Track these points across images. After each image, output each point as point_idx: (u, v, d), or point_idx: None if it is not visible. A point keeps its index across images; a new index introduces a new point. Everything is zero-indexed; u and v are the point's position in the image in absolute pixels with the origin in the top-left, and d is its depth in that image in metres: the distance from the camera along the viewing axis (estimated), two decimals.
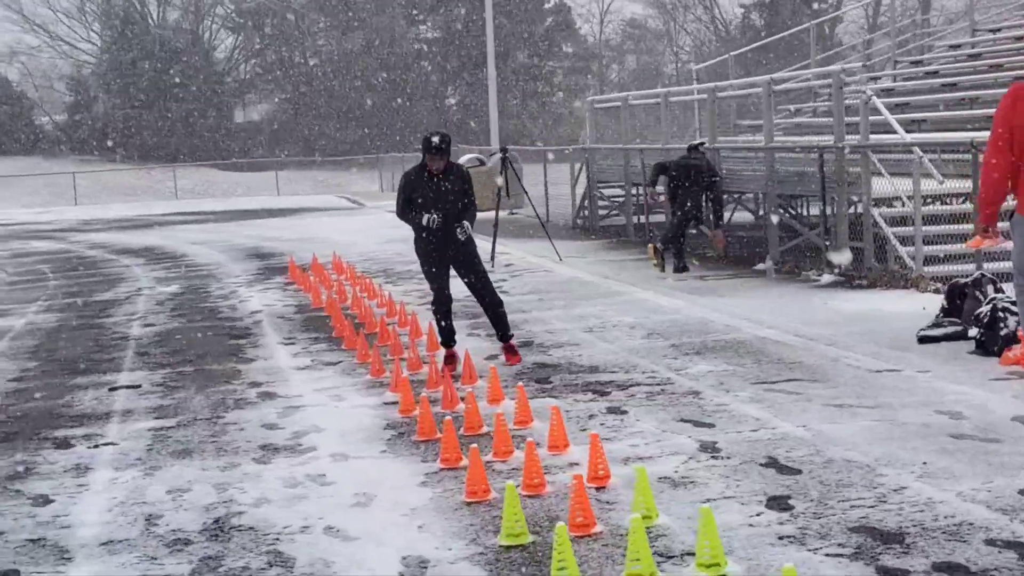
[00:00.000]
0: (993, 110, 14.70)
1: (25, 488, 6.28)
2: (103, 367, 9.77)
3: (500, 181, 17.14)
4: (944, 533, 4.70)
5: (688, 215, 13.83)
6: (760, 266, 12.99)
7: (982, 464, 5.58)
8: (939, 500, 5.10)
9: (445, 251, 8.66)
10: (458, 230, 8.51)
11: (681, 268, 13.68)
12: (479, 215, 8.99)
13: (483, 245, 16.97)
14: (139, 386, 8.85)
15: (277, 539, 5.23)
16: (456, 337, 9.06)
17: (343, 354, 9.67)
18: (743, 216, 16.62)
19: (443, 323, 8.87)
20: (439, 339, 9.08)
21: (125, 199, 44.48)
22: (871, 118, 12.49)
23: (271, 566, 4.90)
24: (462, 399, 7.31)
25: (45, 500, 6.04)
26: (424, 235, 8.62)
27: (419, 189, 8.58)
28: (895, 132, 12.13)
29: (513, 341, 8.98)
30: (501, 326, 8.90)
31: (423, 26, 58.87)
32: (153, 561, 5.05)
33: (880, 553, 4.54)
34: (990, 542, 4.58)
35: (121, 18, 54.48)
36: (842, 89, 12.26)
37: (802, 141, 14.35)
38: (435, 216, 8.46)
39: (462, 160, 26.15)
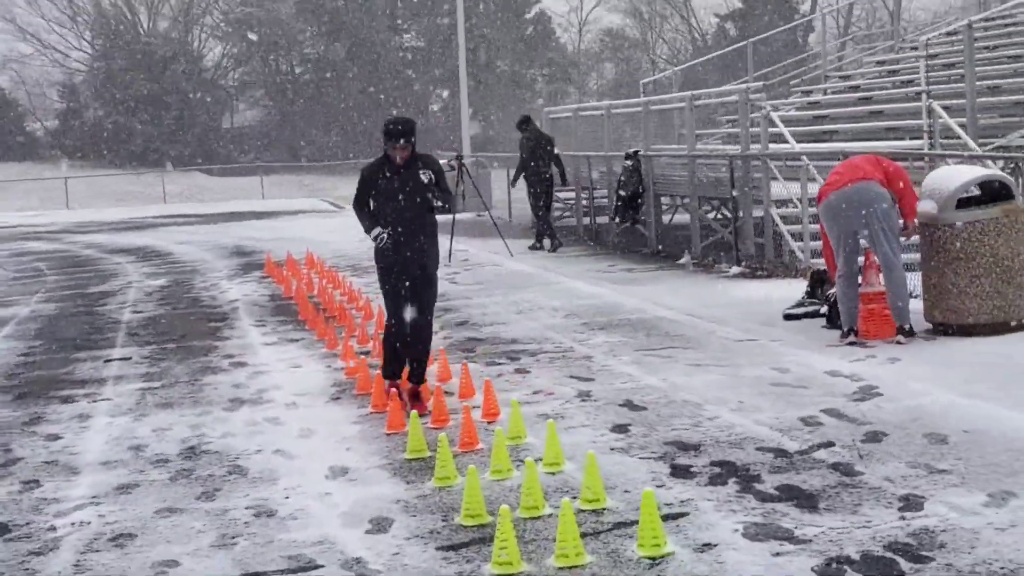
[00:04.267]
0: (896, 123, 16.32)
1: (39, 430, 7.84)
2: (99, 344, 11.34)
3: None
4: (729, 444, 6.32)
5: (538, 199, 17.38)
6: (681, 260, 14.61)
7: (783, 402, 7.20)
8: (738, 424, 6.72)
9: (405, 265, 7.76)
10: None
11: (557, 245, 17.15)
12: (439, 218, 8.25)
13: (442, 242, 18.64)
14: (130, 358, 10.42)
15: (237, 458, 6.82)
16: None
17: (306, 333, 11.23)
18: (682, 217, 18.21)
19: (394, 353, 8.00)
20: (388, 368, 8.11)
21: (117, 203, 45.89)
22: (787, 130, 14.20)
23: (230, 474, 6.49)
24: None
25: (55, 437, 7.61)
26: (383, 243, 7.69)
27: (377, 185, 7.64)
28: (814, 143, 13.79)
29: (422, 388, 7.99)
30: (418, 369, 7.98)
31: (407, 35, 60.62)
32: (141, 473, 6.63)
33: (677, 456, 6.15)
34: (760, 448, 6.20)
35: (112, 27, 56.01)
36: (747, 105, 13.91)
37: (715, 150, 16.03)
38: (384, 235, 7.60)
39: None
